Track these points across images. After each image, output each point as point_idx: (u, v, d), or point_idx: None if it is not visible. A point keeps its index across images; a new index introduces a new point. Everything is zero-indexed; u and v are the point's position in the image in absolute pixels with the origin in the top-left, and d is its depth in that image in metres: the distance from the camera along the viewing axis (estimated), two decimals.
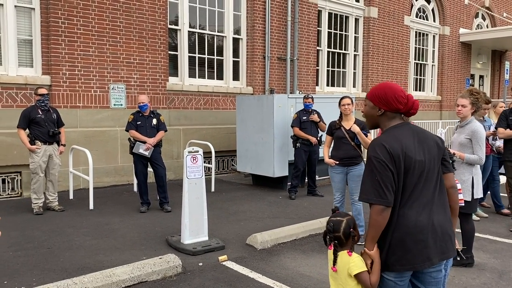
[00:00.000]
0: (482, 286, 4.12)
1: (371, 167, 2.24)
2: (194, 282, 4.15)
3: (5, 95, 7.40)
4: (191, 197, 5.01)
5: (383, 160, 2.21)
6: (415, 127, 2.38)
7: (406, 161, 2.23)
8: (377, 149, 2.25)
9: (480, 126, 4.58)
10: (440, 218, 2.29)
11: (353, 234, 2.37)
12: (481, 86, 18.59)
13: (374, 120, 2.44)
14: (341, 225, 2.37)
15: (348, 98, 5.49)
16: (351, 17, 13.11)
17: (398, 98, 2.33)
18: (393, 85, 2.38)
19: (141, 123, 6.57)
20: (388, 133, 2.33)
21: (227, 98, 10.26)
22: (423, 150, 2.29)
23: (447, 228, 2.31)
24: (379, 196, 2.18)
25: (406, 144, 2.26)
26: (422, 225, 2.23)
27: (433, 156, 2.31)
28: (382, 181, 2.19)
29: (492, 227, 6.04)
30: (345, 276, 2.34)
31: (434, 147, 2.34)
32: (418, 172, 2.25)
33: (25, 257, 4.63)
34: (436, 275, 2.34)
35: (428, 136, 2.36)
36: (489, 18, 18.45)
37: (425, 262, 2.24)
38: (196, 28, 9.87)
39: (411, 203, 2.24)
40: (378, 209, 2.19)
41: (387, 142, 2.25)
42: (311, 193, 7.91)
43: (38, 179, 6.38)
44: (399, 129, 2.33)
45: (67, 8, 7.80)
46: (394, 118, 2.38)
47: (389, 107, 2.35)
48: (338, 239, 2.37)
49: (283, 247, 5.18)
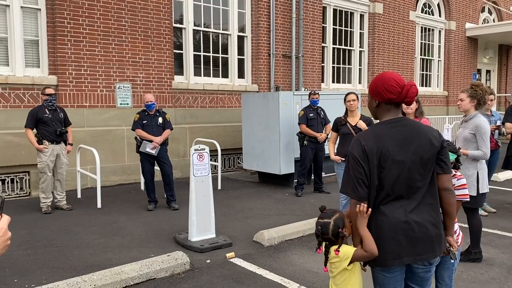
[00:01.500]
0: (491, 281, 4.10)
1: (348, 163, 2.32)
2: (202, 279, 4.17)
3: (13, 96, 7.46)
4: (198, 195, 5.03)
5: (357, 157, 2.25)
6: (408, 123, 2.31)
7: (381, 159, 2.23)
8: (354, 145, 2.29)
9: (484, 121, 4.53)
10: (422, 219, 2.23)
11: (342, 235, 2.37)
12: (488, 81, 18.46)
13: (373, 113, 2.43)
14: (329, 227, 2.38)
15: (353, 94, 5.48)
16: (356, 13, 13.07)
17: (388, 88, 2.28)
18: (386, 75, 2.32)
19: (147, 122, 6.59)
20: (372, 129, 2.34)
21: (232, 96, 10.27)
22: (407, 149, 2.23)
23: (428, 229, 2.24)
24: (352, 190, 2.26)
25: (385, 143, 2.24)
26: (396, 223, 2.22)
27: (420, 157, 2.24)
28: (355, 177, 2.24)
29: (501, 222, 6.01)
30: (340, 270, 2.37)
31: (426, 146, 2.25)
32: (396, 171, 2.22)
33: (35, 256, 4.68)
34: (423, 275, 2.35)
35: (421, 134, 2.27)
36: (495, 12, 18.30)
37: (395, 260, 2.23)
38: (201, 26, 9.88)
39: (389, 201, 2.25)
40: (353, 202, 2.28)
41: (365, 139, 2.27)
42: (318, 190, 7.91)
43: (46, 178, 6.43)
44: (387, 125, 2.30)
45: (73, 8, 7.85)
46: (390, 110, 2.33)
47: (381, 98, 2.32)
48: (328, 240, 2.41)
49: (290, 243, 5.19)
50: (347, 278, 2.37)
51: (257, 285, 4.03)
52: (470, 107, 4.57)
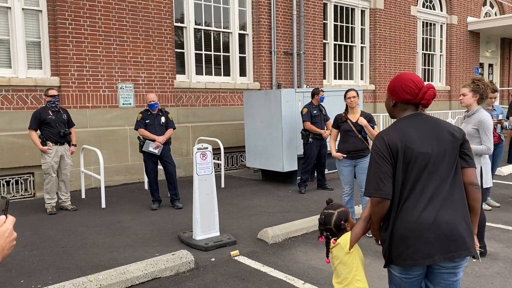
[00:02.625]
0: (495, 276, 4.10)
1: (371, 161, 2.27)
2: (207, 277, 4.19)
3: (16, 97, 7.49)
4: (201, 194, 5.05)
5: (381, 152, 2.21)
6: (427, 118, 2.30)
7: (406, 153, 2.18)
8: (377, 142, 2.27)
9: (487, 116, 4.51)
10: (449, 215, 2.15)
11: (344, 227, 2.44)
12: (490, 74, 18.38)
13: (390, 112, 2.42)
14: (332, 218, 2.46)
15: (354, 90, 5.47)
16: (357, 9, 13.03)
17: (405, 89, 2.27)
18: (405, 75, 2.31)
19: (150, 122, 6.61)
20: (392, 125, 2.32)
21: (234, 94, 10.27)
22: (431, 142, 2.20)
23: (457, 225, 2.15)
24: (375, 188, 2.20)
25: (408, 136, 2.21)
26: (424, 221, 2.14)
27: (444, 149, 2.20)
28: (379, 173, 2.20)
29: (505, 217, 6.00)
30: (342, 258, 2.43)
31: (448, 139, 2.22)
32: (421, 165, 2.17)
33: (40, 256, 4.71)
34: (447, 277, 2.22)
35: (442, 127, 2.25)
36: (497, 5, 18.21)
37: (426, 259, 2.14)
38: (201, 25, 9.88)
39: (414, 197, 2.18)
40: (375, 200, 2.21)
41: (387, 134, 2.25)
42: (321, 186, 7.91)
43: (50, 179, 6.46)
44: (406, 120, 2.29)
45: (74, 9, 7.86)
46: (407, 110, 2.32)
47: (398, 98, 2.31)
48: (329, 231, 2.47)
49: (294, 241, 5.21)
50: (351, 262, 2.41)
51: (262, 282, 4.05)
52: (472, 102, 4.55)
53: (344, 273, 2.44)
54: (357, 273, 2.42)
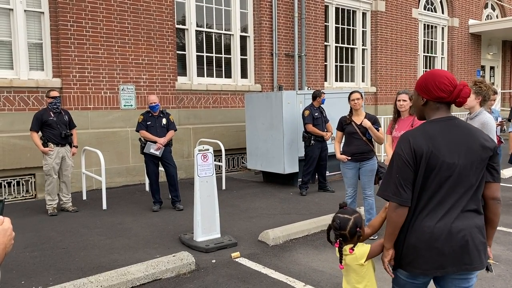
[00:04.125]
0: (497, 278, 4.09)
1: (393, 163, 2.15)
2: (208, 278, 4.18)
3: (17, 99, 7.51)
4: (202, 195, 5.05)
5: (405, 157, 2.10)
6: (460, 124, 2.15)
7: (431, 160, 2.07)
8: (402, 143, 2.14)
9: (490, 118, 4.50)
10: (464, 226, 2.08)
11: (359, 234, 2.33)
12: (492, 77, 18.37)
13: (420, 111, 2.27)
14: (348, 223, 2.34)
15: (358, 92, 5.47)
16: (358, 12, 13.05)
17: (439, 86, 2.13)
18: (438, 72, 2.18)
19: (151, 123, 6.62)
20: (422, 127, 2.17)
21: (235, 96, 10.28)
22: (459, 152, 2.08)
23: (473, 238, 2.08)
24: (394, 193, 2.10)
25: (436, 143, 2.08)
26: (439, 232, 2.07)
27: (472, 161, 2.08)
28: (399, 178, 2.10)
29: (506, 219, 5.99)
30: (355, 266, 2.37)
31: (479, 150, 2.09)
32: (444, 175, 2.07)
33: (41, 257, 4.71)
34: (458, 283, 2.16)
35: (474, 137, 2.11)
36: (499, 8, 18.21)
37: (438, 270, 2.10)
38: (203, 27, 9.90)
39: (432, 207, 2.10)
40: (393, 205, 2.13)
41: (414, 137, 2.12)
42: (322, 188, 7.91)
43: (51, 180, 6.47)
44: (437, 124, 2.14)
45: (76, 11, 7.88)
46: (439, 110, 2.18)
47: (430, 96, 2.16)
48: (343, 236, 2.36)
49: (295, 243, 5.20)
50: (364, 273, 2.36)
51: (263, 284, 4.05)
52: (475, 104, 4.54)
53: (354, 282, 2.39)
54: (369, 284, 2.37)
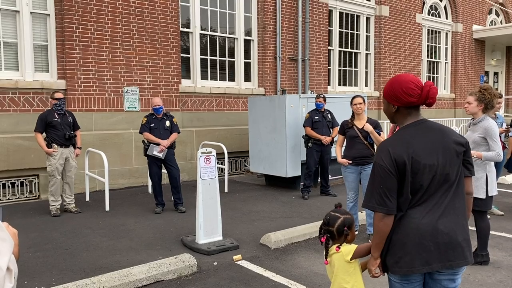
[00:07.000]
0: (498, 284, 4.09)
1: (375, 174, 2.18)
2: (209, 281, 4.20)
3: (22, 100, 7.56)
4: (205, 198, 5.07)
5: (386, 167, 2.13)
6: (433, 125, 2.23)
7: (413, 166, 2.12)
8: (381, 155, 2.17)
9: (493, 123, 4.51)
10: (450, 223, 2.15)
11: (346, 233, 2.43)
12: (495, 83, 18.35)
13: (392, 118, 2.33)
14: (337, 221, 2.45)
15: (360, 97, 5.49)
16: (362, 16, 13.07)
17: (407, 91, 2.16)
18: (401, 77, 2.20)
19: (155, 126, 6.65)
20: (397, 135, 2.22)
21: (239, 99, 10.31)
22: (437, 152, 2.15)
23: (457, 234, 2.15)
24: (380, 203, 2.14)
25: (414, 148, 2.14)
26: (424, 228, 2.13)
27: (449, 158, 2.16)
28: (383, 189, 2.13)
29: (508, 225, 5.98)
30: (342, 265, 2.42)
31: (453, 148, 2.17)
32: (429, 176, 2.13)
33: (44, 258, 4.74)
34: (446, 283, 2.21)
35: (447, 136, 2.20)
36: (503, 14, 18.21)
37: (424, 266, 2.13)
38: (207, 30, 9.95)
39: (418, 205, 2.15)
40: (379, 215, 2.16)
41: (393, 147, 2.16)
42: (324, 192, 7.92)
43: (55, 181, 6.50)
44: (412, 129, 2.20)
45: (81, 14, 7.94)
46: (410, 114, 2.23)
47: (400, 102, 2.20)
48: (330, 233, 2.47)
49: (296, 246, 5.21)
50: (352, 272, 2.41)
51: (264, 287, 4.06)
52: (477, 111, 4.54)
53: (342, 282, 2.42)
54: (356, 284, 2.41)
